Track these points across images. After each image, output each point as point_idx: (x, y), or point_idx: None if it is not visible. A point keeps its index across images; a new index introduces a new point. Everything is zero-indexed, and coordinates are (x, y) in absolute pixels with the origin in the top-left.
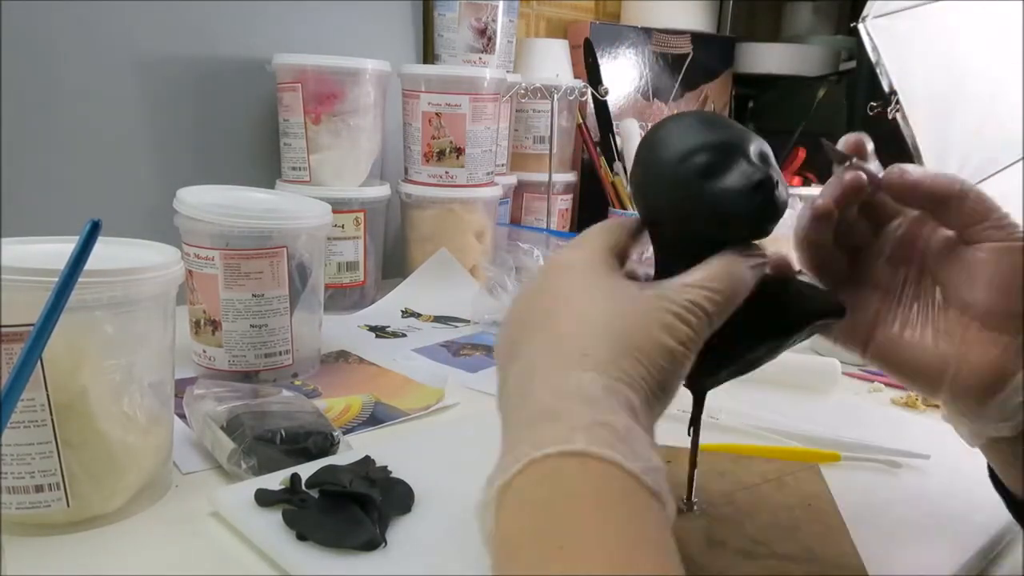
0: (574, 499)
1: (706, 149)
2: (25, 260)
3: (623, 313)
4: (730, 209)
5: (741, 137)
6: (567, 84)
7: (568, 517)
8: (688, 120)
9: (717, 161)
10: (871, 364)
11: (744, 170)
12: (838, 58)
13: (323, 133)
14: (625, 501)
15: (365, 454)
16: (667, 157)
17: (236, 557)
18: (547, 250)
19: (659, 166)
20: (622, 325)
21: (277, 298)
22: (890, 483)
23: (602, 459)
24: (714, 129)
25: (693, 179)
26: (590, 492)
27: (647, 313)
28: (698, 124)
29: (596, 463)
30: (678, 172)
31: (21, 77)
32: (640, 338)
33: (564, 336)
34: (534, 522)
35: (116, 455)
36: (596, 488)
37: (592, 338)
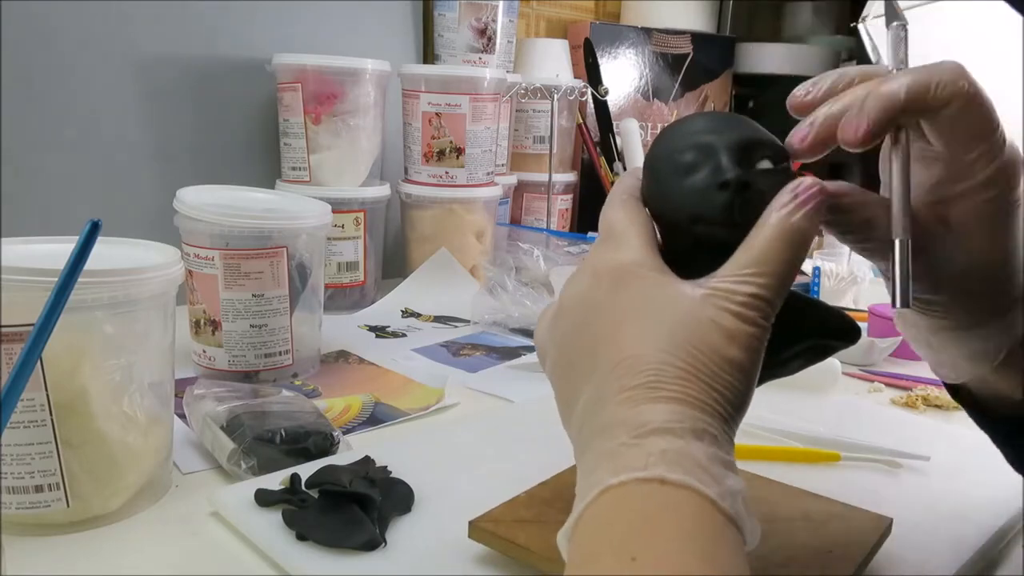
0: (649, 519)
1: (692, 148)
2: (25, 260)
3: (684, 328)
4: (697, 208)
5: (741, 137)
6: (567, 84)
7: (643, 535)
8: (696, 119)
9: (697, 159)
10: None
11: (715, 169)
12: (838, 58)
13: (323, 133)
14: (701, 524)
15: (365, 454)
16: (659, 153)
17: (236, 557)
18: (547, 250)
19: (650, 161)
20: (685, 344)
21: (277, 298)
22: (890, 483)
23: (678, 484)
24: (716, 129)
25: (672, 176)
26: (665, 514)
27: (707, 323)
28: (702, 123)
29: (672, 489)
30: (661, 169)
31: (21, 77)
32: (705, 357)
33: (629, 363)
34: (609, 538)
35: (116, 455)
36: (672, 510)
37: (657, 365)
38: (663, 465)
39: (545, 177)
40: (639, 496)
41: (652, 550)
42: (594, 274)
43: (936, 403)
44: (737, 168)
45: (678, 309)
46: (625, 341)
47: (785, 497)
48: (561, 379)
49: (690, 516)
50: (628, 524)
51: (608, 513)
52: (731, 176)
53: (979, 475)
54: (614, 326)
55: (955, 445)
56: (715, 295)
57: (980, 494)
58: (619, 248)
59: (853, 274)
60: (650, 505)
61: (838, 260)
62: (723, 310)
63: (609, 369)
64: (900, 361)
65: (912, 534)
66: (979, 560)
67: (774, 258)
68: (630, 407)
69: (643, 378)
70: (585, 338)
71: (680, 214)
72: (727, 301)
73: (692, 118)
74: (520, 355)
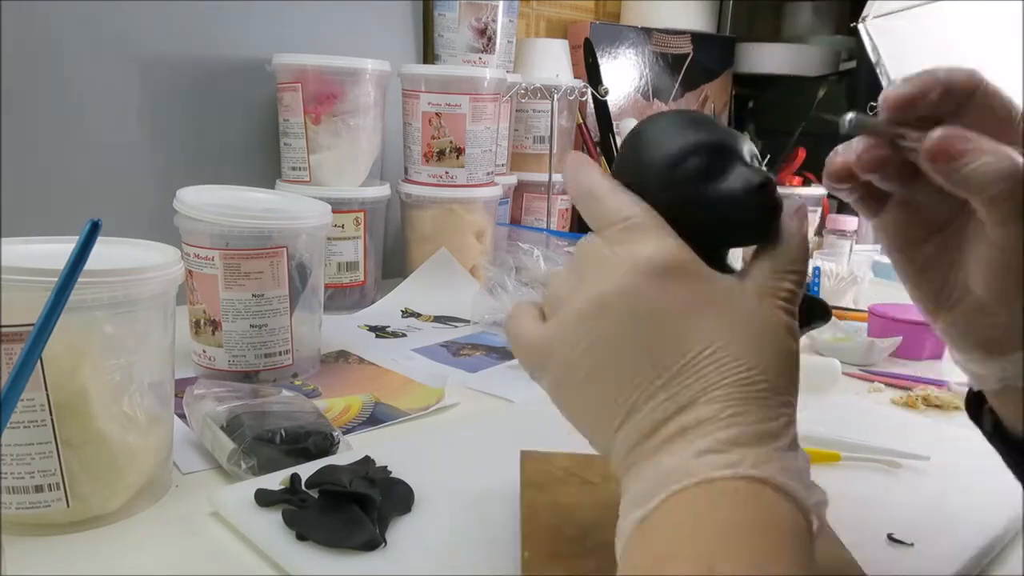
0: (736, 525)
1: (700, 151)
2: (25, 260)
3: (751, 326)
4: (731, 214)
5: (731, 137)
6: (567, 84)
7: (727, 539)
8: (672, 120)
9: (713, 164)
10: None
11: (743, 172)
12: (838, 58)
13: (323, 133)
14: (792, 532)
15: (365, 454)
16: (658, 159)
17: (236, 557)
18: (547, 250)
19: (649, 168)
20: (759, 341)
21: (277, 298)
22: (890, 483)
23: (778, 487)
24: (702, 129)
25: (689, 183)
26: (756, 519)
27: (769, 319)
28: (685, 124)
29: (770, 490)
30: (672, 176)
31: (21, 77)
32: (779, 351)
33: (710, 358)
34: (691, 539)
35: (116, 455)
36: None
37: (742, 358)
38: (767, 467)
39: (545, 177)
40: (738, 493)
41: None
42: (634, 269)
43: (936, 403)
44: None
45: (740, 306)
46: (700, 338)
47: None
48: (599, 383)
49: (788, 523)
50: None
51: (702, 506)
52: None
53: (979, 475)
54: (680, 322)
55: (955, 445)
56: (768, 292)
57: (980, 494)
58: (652, 239)
59: (853, 274)
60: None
61: (838, 260)
62: (777, 307)
63: (684, 367)
64: (900, 361)
65: (912, 534)
66: (979, 560)
67: (803, 257)
68: (721, 405)
69: (733, 376)
70: (645, 334)
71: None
72: (777, 298)
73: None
74: None
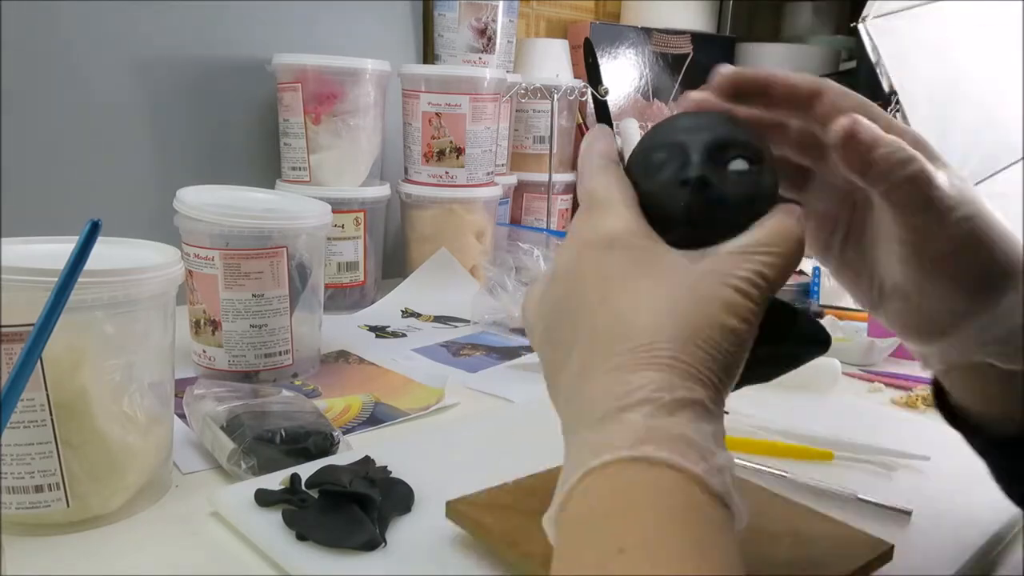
0: (634, 504)
1: (666, 147)
2: (25, 260)
3: (679, 296)
4: (662, 205)
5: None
6: (567, 84)
7: (628, 521)
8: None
9: (666, 158)
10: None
11: (679, 167)
12: (838, 58)
13: (323, 133)
14: (688, 505)
15: (365, 454)
16: (638, 151)
17: (236, 557)
18: (547, 250)
19: (634, 159)
20: (682, 311)
21: (277, 298)
22: (890, 484)
23: (663, 463)
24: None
25: (643, 173)
26: (651, 496)
27: (706, 292)
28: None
29: (657, 467)
30: (638, 166)
31: (21, 77)
32: (702, 323)
33: (619, 330)
34: (594, 527)
35: (116, 455)
36: (657, 492)
37: (650, 331)
38: (651, 444)
39: (545, 177)
40: (624, 479)
41: (640, 540)
42: (582, 243)
43: None
44: (702, 167)
45: (674, 279)
46: (616, 308)
47: (775, 509)
48: (547, 351)
49: (679, 500)
50: (613, 511)
51: (592, 498)
52: (693, 175)
53: (979, 475)
54: (603, 294)
55: (955, 445)
56: (717, 268)
57: (980, 494)
58: (605, 215)
59: None
60: (636, 489)
61: None
62: (724, 284)
63: (596, 337)
64: (900, 361)
65: (912, 534)
66: (979, 560)
67: (784, 243)
68: (617, 375)
69: (633, 343)
70: (572, 307)
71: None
72: (730, 276)
73: (677, 116)
74: (520, 355)
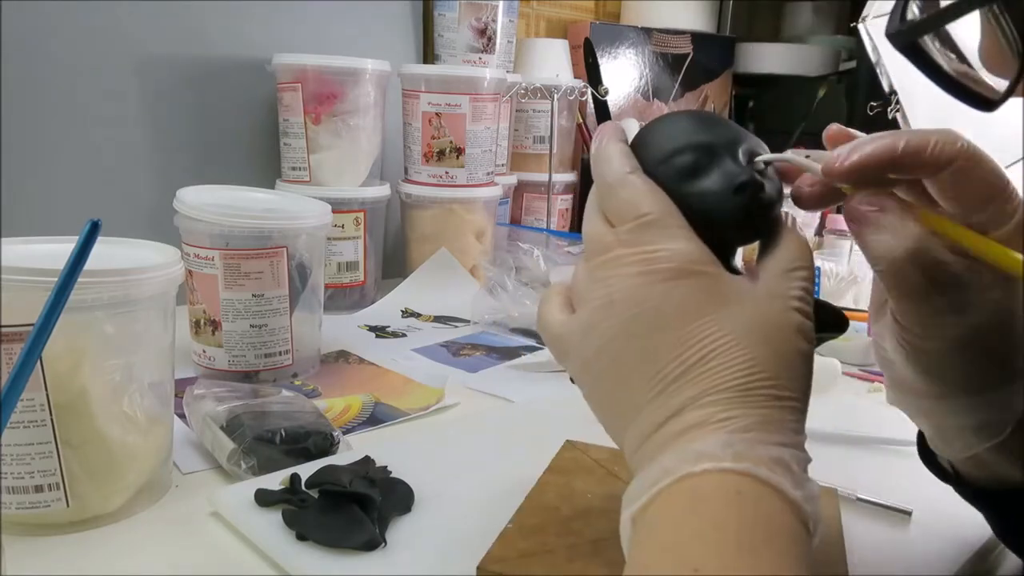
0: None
1: (690, 149)
2: (25, 260)
3: (762, 327)
4: (711, 211)
5: (729, 137)
6: (567, 84)
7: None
8: (677, 119)
9: (700, 162)
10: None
11: (727, 171)
12: (838, 58)
13: (323, 133)
14: (782, 527)
15: (365, 454)
16: (651, 157)
17: (236, 557)
18: (547, 250)
19: (645, 166)
20: (767, 338)
21: (277, 298)
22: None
23: (764, 481)
24: (702, 129)
25: (674, 180)
26: (750, 518)
27: (781, 320)
28: (687, 123)
29: (757, 484)
30: (662, 172)
31: (21, 77)
32: (789, 351)
33: (715, 361)
34: (675, 540)
35: (116, 455)
36: (754, 510)
37: (746, 361)
38: (749, 460)
39: (545, 177)
40: (720, 488)
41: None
42: (644, 271)
43: None
44: (746, 170)
45: (751, 307)
46: (701, 341)
47: None
48: (611, 382)
49: (775, 520)
50: (705, 518)
51: (684, 504)
52: (746, 179)
53: None
54: (683, 326)
55: None
56: (779, 293)
57: None
58: (662, 238)
59: (853, 274)
60: (731, 501)
61: (838, 260)
62: (788, 308)
63: (685, 371)
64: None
65: (912, 534)
66: (979, 560)
67: (805, 254)
68: (721, 409)
69: (734, 379)
70: (646, 338)
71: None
72: (789, 298)
73: (674, 118)
74: (520, 355)
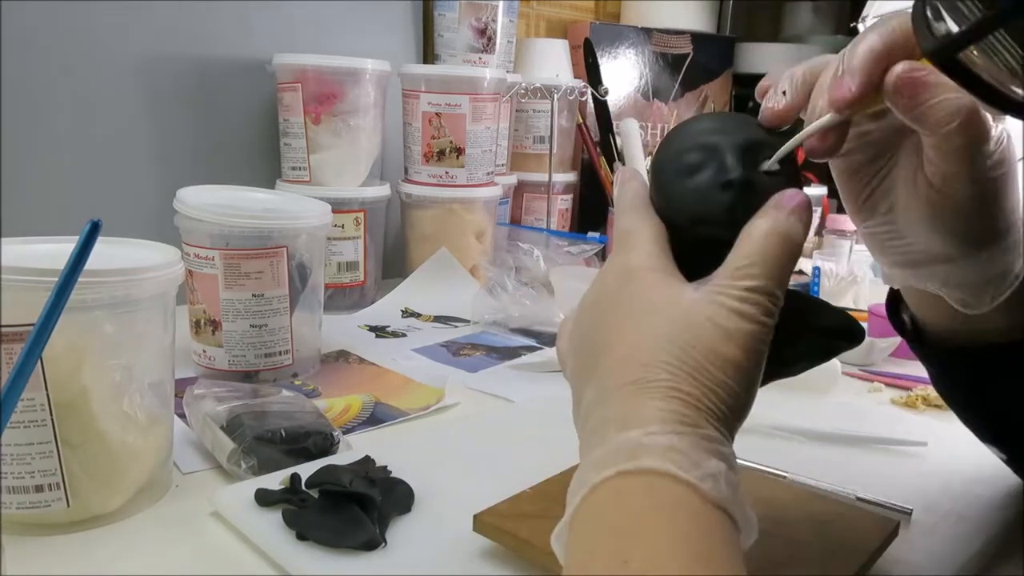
0: (636, 516)
1: (696, 149)
2: (25, 260)
3: (679, 328)
4: (698, 208)
5: (740, 138)
6: (567, 84)
7: (631, 534)
8: (701, 120)
9: (700, 160)
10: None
11: (719, 169)
12: None
13: (323, 133)
14: (687, 515)
15: (365, 454)
16: (665, 155)
17: (236, 557)
18: (547, 250)
19: (656, 163)
20: (680, 340)
21: (277, 298)
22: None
23: (657, 472)
24: (717, 130)
25: (675, 177)
26: (650, 507)
27: (701, 321)
28: (707, 124)
29: (652, 477)
30: (668, 170)
31: (21, 77)
32: (698, 355)
33: (629, 360)
34: (599, 540)
35: (116, 455)
36: (654, 502)
37: (653, 358)
38: (647, 456)
39: (545, 177)
40: (624, 491)
41: (642, 551)
42: (603, 278)
43: (936, 403)
44: (740, 169)
45: (676, 308)
46: (624, 339)
47: (790, 496)
48: (574, 381)
49: (678, 508)
50: (616, 523)
51: (597, 512)
52: (734, 176)
53: (979, 475)
54: (616, 326)
55: (954, 444)
56: (712, 293)
57: (980, 494)
58: (627, 251)
59: (853, 274)
60: (635, 499)
61: (838, 260)
62: (721, 307)
63: (608, 367)
64: (900, 361)
65: (912, 534)
66: (979, 560)
67: (769, 253)
68: (623, 404)
69: (637, 374)
70: (594, 337)
71: (683, 215)
72: (725, 297)
73: (698, 119)
74: (520, 355)
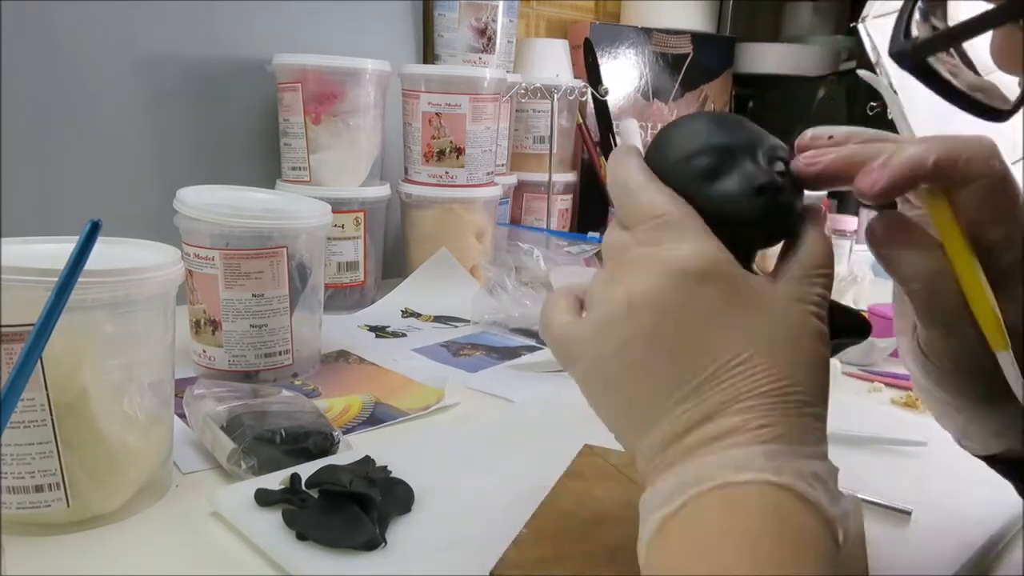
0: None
1: (709, 151)
2: (25, 260)
3: (785, 332)
4: (731, 214)
5: (750, 138)
6: (567, 84)
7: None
8: (697, 121)
9: (720, 163)
10: None
11: (746, 172)
12: (838, 58)
13: (323, 133)
14: (814, 547)
15: (365, 454)
16: (670, 158)
17: (236, 557)
18: (547, 250)
19: (663, 168)
20: (793, 343)
21: (277, 298)
22: (890, 483)
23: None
24: (722, 130)
25: (692, 182)
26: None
27: (803, 325)
28: (707, 125)
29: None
30: (680, 174)
31: (21, 77)
32: (812, 358)
33: (742, 366)
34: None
35: (116, 455)
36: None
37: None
38: (790, 474)
39: (545, 177)
40: (760, 500)
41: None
42: (665, 272)
43: None
44: (769, 172)
45: (774, 312)
46: (727, 345)
47: None
48: (627, 385)
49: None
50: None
51: (720, 512)
52: (766, 180)
53: (979, 475)
54: (708, 329)
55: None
56: (799, 297)
57: (980, 494)
58: (682, 240)
59: (853, 274)
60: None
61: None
62: (809, 313)
63: (713, 375)
64: (900, 361)
65: (912, 534)
66: (979, 560)
67: (828, 259)
68: (756, 416)
69: (764, 386)
70: (670, 341)
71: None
72: (808, 303)
73: (691, 120)
74: (520, 355)
